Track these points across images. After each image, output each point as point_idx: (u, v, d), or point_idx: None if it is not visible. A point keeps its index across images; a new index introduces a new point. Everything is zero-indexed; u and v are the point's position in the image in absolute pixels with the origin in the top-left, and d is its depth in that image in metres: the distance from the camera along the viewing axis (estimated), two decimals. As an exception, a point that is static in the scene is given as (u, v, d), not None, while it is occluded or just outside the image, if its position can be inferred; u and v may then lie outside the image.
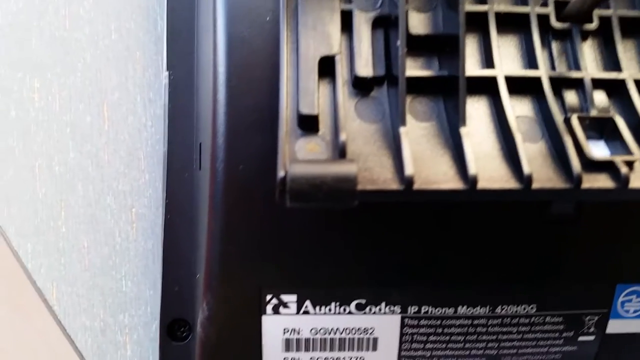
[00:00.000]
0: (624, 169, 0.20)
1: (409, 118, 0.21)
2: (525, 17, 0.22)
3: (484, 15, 0.22)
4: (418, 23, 0.22)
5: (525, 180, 0.19)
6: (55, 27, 0.29)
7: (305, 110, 0.20)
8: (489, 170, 0.20)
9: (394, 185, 0.19)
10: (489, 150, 0.20)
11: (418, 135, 0.21)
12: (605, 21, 0.23)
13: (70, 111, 0.29)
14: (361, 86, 0.22)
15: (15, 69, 0.29)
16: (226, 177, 0.23)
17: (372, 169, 0.20)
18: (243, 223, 0.23)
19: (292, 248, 0.23)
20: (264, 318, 0.24)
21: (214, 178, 0.23)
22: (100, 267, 0.29)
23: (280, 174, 0.19)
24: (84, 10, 0.29)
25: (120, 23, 0.29)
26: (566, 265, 0.24)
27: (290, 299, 0.24)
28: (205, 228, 0.24)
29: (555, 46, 0.23)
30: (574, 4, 0.22)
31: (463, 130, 0.20)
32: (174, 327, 0.26)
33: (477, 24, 0.22)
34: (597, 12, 0.23)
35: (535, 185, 0.19)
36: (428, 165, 0.20)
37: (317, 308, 0.24)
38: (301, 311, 0.24)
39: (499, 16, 0.22)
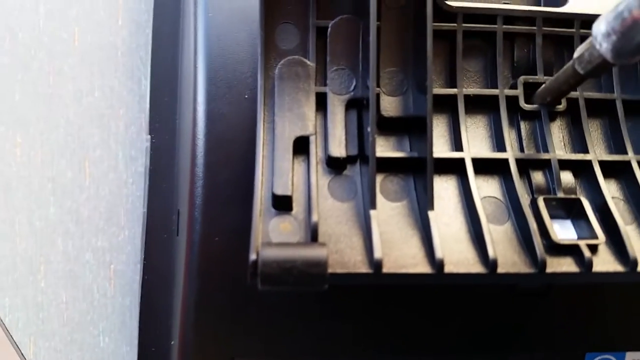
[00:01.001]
0: (587, 253, 0.20)
1: (380, 198, 0.22)
2: (494, 99, 0.23)
3: (453, 98, 0.23)
4: (389, 105, 0.23)
5: (491, 264, 0.20)
6: (39, 82, 0.30)
7: (279, 191, 0.21)
8: (456, 253, 0.21)
9: (364, 268, 0.20)
10: (456, 232, 0.21)
11: (388, 215, 0.21)
12: (572, 102, 0.24)
13: (52, 167, 0.29)
14: (334, 165, 0.22)
15: (-2, 122, 0.30)
16: (202, 247, 0.23)
17: (342, 251, 0.20)
18: (217, 293, 0.24)
19: (264, 320, 0.24)
20: (237, 387, 0.24)
21: (190, 247, 0.24)
22: (79, 322, 0.29)
23: (252, 257, 0.19)
24: (68, 67, 0.30)
25: (104, 81, 0.30)
26: (537, 334, 0.25)
27: (263, 367, 0.24)
28: (180, 294, 0.24)
29: (523, 127, 0.23)
30: (545, 91, 0.23)
31: (431, 214, 0.21)
32: (149, 387, 0.26)
33: (447, 105, 0.23)
34: (564, 94, 0.24)
35: (500, 269, 0.20)
36: (397, 247, 0.20)
37: (289, 378, 0.24)
38: (273, 380, 0.24)
39: (468, 98, 0.23)
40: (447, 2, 0.23)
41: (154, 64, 0.28)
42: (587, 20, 0.24)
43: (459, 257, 0.20)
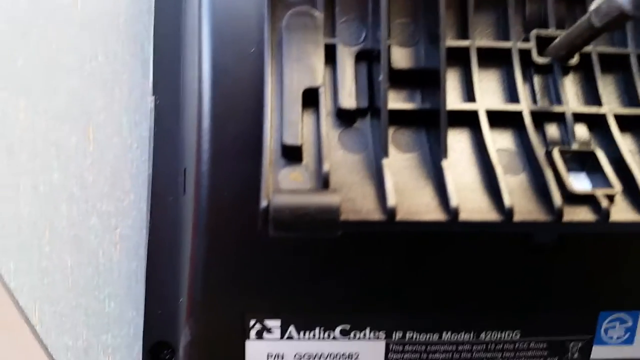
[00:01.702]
0: (604, 203, 0.20)
1: (391, 149, 0.21)
2: (507, 52, 0.23)
3: (465, 50, 0.23)
4: (400, 57, 0.22)
5: (507, 212, 0.20)
6: (42, 48, 0.29)
7: (289, 140, 0.20)
8: (471, 202, 0.20)
9: (377, 215, 0.19)
10: (470, 182, 0.21)
11: (401, 167, 0.21)
12: (585, 57, 0.23)
13: (56, 131, 0.29)
14: (344, 117, 0.22)
15: (1, 87, 0.29)
16: (210, 203, 0.23)
17: (354, 200, 0.20)
18: (226, 249, 0.23)
19: (275, 274, 0.23)
20: (248, 343, 0.24)
21: (198, 203, 0.23)
22: (84, 287, 0.29)
23: (263, 203, 0.19)
24: (70, 33, 0.29)
25: (107, 46, 0.29)
26: (550, 292, 0.24)
27: (274, 324, 0.24)
28: (188, 252, 0.24)
29: (537, 81, 0.23)
30: (559, 45, 0.23)
31: (444, 163, 0.20)
32: (156, 350, 0.26)
33: (459, 58, 0.23)
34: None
35: (517, 217, 0.20)
36: (410, 196, 0.20)
37: (301, 333, 0.24)
38: (285, 336, 0.24)
39: (481, 51, 0.23)
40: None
41: (157, 26, 0.27)
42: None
43: (473, 206, 0.20)
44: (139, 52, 0.29)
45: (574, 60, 0.23)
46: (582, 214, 0.20)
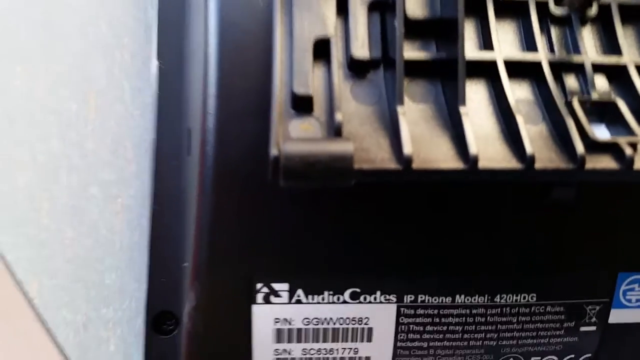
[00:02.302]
0: (628, 150, 0.19)
1: (406, 100, 0.20)
2: (524, 3, 0.22)
3: (482, 1, 0.22)
4: (415, 6, 0.21)
5: (528, 160, 0.19)
6: (40, 12, 0.28)
7: (300, 90, 0.20)
8: (490, 150, 0.19)
9: (392, 164, 0.19)
10: (489, 131, 0.20)
11: (415, 117, 0.20)
12: (604, 8, 0.22)
13: (55, 98, 0.28)
14: (357, 68, 0.21)
15: (-2, 54, 0.28)
16: (216, 161, 0.22)
17: (368, 149, 0.19)
18: (233, 209, 0.22)
19: (283, 235, 0.22)
20: (254, 307, 0.23)
21: (204, 162, 0.22)
22: (84, 258, 0.27)
23: (274, 152, 0.18)
24: (71, -4, 0.29)
25: (109, 10, 0.28)
26: (566, 253, 0.23)
27: (282, 287, 0.23)
28: (193, 215, 0.23)
29: (554, 32, 0.22)
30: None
31: (462, 110, 0.19)
32: (160, 320, 0.25)
33: (475, 9, 0.22)
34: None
35: (538, 165, 0.19)
36: (426, 146, 0.19)
37: (310, 297, 0.23)
38: (293, 300, 0.23)
39: (497, 2, 0.22)
40: None
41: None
42: None
43: (492, 154, 0.19)
44: (141, 16, 0.28)
45: (593, 11, 0.22)
46: (604, 162, 0.19)
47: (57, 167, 0.28)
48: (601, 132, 0.21)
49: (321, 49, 0.21)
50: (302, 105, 0.20)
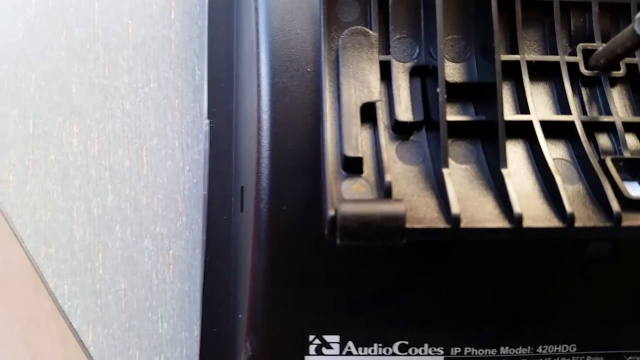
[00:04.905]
0: (661, 208, 0.20)
1: (449, 161, 0.22)
2: (556, 65, 0.23)
3: (516, 64, 0.23)
4: (453, 72, 0.23)
5: (569, 219, 0.20)
6: (95, 74, 0.30)
7: (350, 152, 0.21)
8: (532, 209, 0.20)
9: (441, 223, 0.20)
10: (529, 190, 0.21)
11: (459, 177, 0.22)
12: (631, 68, 0.24)
13: (109, 155, 0.30)
14: (401, 130, 0.22)
15: (55, 113, 0.30)
16: (270, 218, 0.23)
17: (417, 209, 0.20)
18: (287, 263, 0.24)
19: (335, 289, 0.24)
20: (307, 359, 0.24)
21: (258, 219, 0.24)
22: (137, 308, 0.29)
23: (331, 212, 0.19)
24: (123, 59, 0.31)
25: (159, 72, 0.30)
26: (604, 304, 0.24)
27: (333, 339, 0.24)
28: (247, 269, 0.24)
29: (585, 92, 0.24)
30: (600, 54, 0.23)
31: (505, 171, 0.21)
32: (212, 369, 0.26)
33: (510, 72, 0.23)
34: (623, 60, 0.24)
35: (578, 223, 0.20)
36: (472, 205, 0.20)
37: (360, 349, 0.24)
38: (344, 352, 0.24)
39: (531, 64, 0.23)
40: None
41: (210, 53, 0.28)
42: (644, -13, 0.24)
43: (535, 213, 0.20)
44: (189, 78, 0.30)
45: (621, 71, 0.24)
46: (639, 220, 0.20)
47: (111, 221, 0.29)
48: (634, 189, 0.22)
49: (367, 113, 0.22)
50: (352, 166, 0.21)
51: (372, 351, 0.24)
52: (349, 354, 0.24)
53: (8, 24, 0.31)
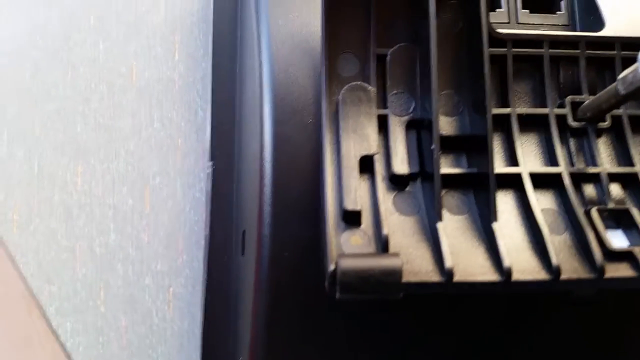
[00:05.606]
0: (642, 258, 0.22)
1: (443, 212, 0.23)
2: (545, 117, 0.25)
3: (506, 117, 0.24)
4: (447, 125, 0.24)
5: (555, 271, 0.21)
6: (99, 114, 0.31)
7: (350, 206, 0.22)
8: (521, 262, 0.22)
9: (436, 277, 0.21)
10: (518, 242, 0.22)
11: (453, 228, 0.23)
12: (617, 120, 0.25)
13: (113, 195, 0.31)
14: (398, 182, 0.23)
15: (59, 153, 0.31)
16: (271, 264, 0.24)
17: (413, 261, 0.21)
18: (287, 309, 0.24)
19: (336, 336, 0.24)
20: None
21: (260, 264, 0.25)
22: (138, 346, 0.30)
23: (331, 267, 0.20)
24: (127, 99, 0.31)
25: (162, 113, 0.31)
26: (590, 344, 0.25)
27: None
28: (248, 312, 0.25)
29: (572, 143, 0.25)
30: (586, 107, 0.24)
31: (495, 225, 0.22)
32: (212, 408, 0.27)
33: (501, 124, 0.24)
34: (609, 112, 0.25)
35: (563, 276, 0.21)
36: (465, 258, 0.21)
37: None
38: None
39: (521, 117, 0.24)
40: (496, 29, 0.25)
41: (214, 98, 0.29)
42: (628, 43, 0.25)
43: (524, 266, 0.21)
44: (192, 118, 0.31)
45: (606, 123, 0.25)
46: (622, 271, 0.22)
47: (113, 259, 0.30)
48: (618, 239, 0.23)
49: (366, 165, 0.23)
50: (351, 219, 0.22)
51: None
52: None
53: (14, 64, 0.32)
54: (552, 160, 0.24)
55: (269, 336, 0.24)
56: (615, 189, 0.24)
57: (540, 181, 0.24)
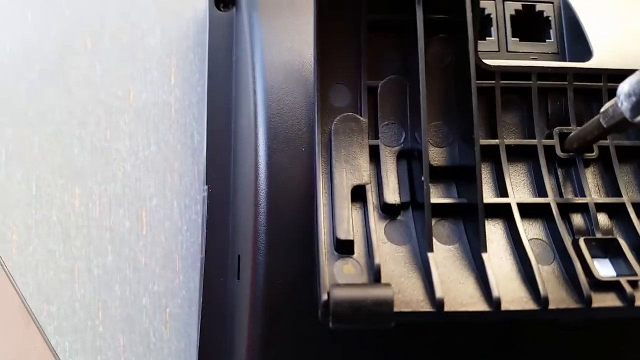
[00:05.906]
0: (628, 289, 0.22)
1: (434, 241, 0.23)
2: (533, 148, 0.25)
3: (495, 148, 0.25)
4: (437, 156, 0.25)
5: (543, 301, 0.22)
6: (96, 137, 0.32)
7: (342, 236, 0.23)
8: (510, 291, 0.22)
9: (427, 307, 0.21)
10: (507, 272, 0.23)
11: (443, 258, 0.23)
12: (604, 150, 0.26)
13: (110, 216, 0.31)
14: (389, 211, 0.24)
15: (57, 175, 0.31)
16: (266, 290, 0.25)
17: (404, 291, 0.22)
18: (282, 335, 0.25)
19: (328, 359, 0.25)
20: None
21: (254, 290, 0.25)
22: (135, 365, 0.30)
23: (324, 297, 0.21)
24: (124, 122, 0.32)
25: (159, 136, 0.32)
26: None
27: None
28: (244, 336, 0.26)
29: (561, 173, 0.25)
30: (573, 138, 0.25)
31: (484, 256, 0.22)
32: None
33: (490, 155, 0.25)
34: (596, 142, 0.26)
35: (551, 306, 0.22)
36: (455, 287, 0.22)
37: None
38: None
39: (509, 148, 0.25)
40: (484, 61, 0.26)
41: (209, 122, 0.30)
42: (614, 75, 0.26)
43: (513, 296, 0.22)
44: (188, 141, 0.32)
45: (594, 153, 0.26)
46: (609, 300, 0.22)
47: (111, 280, 0.31)
48: (605, 268, 0.24)
49: (358, 194, 0.24)
50: (344, 248, 0.23)
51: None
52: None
53: (11, 87, 0.32)
54: (540, 190, 0.25)
55: (264, 358, 0.25)
56: (603, 219, 0.25)
57: (529, 211, 0.24)
